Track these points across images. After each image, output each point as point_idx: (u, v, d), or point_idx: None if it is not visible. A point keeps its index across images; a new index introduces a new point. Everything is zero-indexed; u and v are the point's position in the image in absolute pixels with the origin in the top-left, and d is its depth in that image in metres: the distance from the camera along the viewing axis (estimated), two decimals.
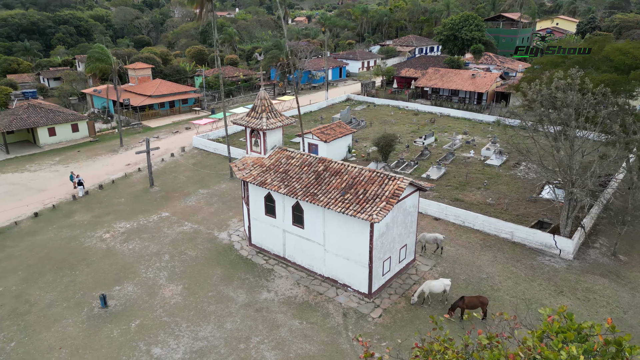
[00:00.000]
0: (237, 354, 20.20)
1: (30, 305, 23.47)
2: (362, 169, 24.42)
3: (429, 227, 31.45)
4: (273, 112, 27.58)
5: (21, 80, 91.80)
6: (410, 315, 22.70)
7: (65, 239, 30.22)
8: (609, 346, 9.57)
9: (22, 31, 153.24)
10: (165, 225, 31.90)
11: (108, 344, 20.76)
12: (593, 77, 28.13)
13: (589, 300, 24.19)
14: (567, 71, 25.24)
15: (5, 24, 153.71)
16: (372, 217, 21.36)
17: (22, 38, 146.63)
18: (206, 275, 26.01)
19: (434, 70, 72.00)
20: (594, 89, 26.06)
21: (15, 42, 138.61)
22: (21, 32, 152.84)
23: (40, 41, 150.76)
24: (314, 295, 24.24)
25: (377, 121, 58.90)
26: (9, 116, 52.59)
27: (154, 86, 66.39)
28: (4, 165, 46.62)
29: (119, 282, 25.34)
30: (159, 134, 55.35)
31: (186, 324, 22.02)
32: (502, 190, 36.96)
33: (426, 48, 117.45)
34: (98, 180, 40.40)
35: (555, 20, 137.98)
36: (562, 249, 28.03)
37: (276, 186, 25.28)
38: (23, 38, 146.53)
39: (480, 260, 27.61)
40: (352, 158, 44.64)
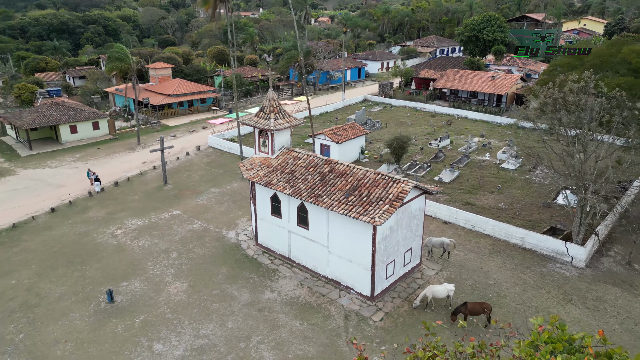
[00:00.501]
0: (236, 352, 20.37)
1: (40, 299, 24.15)
2: (367, 171, 24.34)
3: (438, 231, 31.12)
4: (281, 112, 27.70)
5: (48, 78, 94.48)
6: (412, 319, 22.50)
7: (79, 235, 30.99)
8: (599, 359, 9.35)
9: (53, 31, 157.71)
10: (176, 223, 32.39)
11: (112, 338, 21.21)
12: (609, 80, 27.35)
13: (599, 310, 23.56)
14: (581, 74, 24.60)
15: (37, 24, 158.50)
16: (374, 219, 21.26)
17: (53, 37, 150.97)
18: (212, 273, 26.31)
19: (452, 72, 71.15)
20: (609, 93, 25.36)
21: (46, 41, 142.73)
22: (52, 31, 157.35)
23: (70, 40, 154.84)
24: (316, 296, 24.27)
25: (393, 122, 58.54)
26: (33, 113, 54.18)
27: (173, 86, 67.42)
28: (27, 161, 48.04)
29: (127, 278, 25.86)
30: (176, 133, 56.19)
31: (189, 322, 22.32)
32: (515, 195, 36.29)
33: (447, 49, 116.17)
34: (114, 177, 41.27)
35: (582, 21, 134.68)
36: (574, 256, 27.37)
37: (282, 187, 25.40)
38: (53, 37, 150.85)
39: (488, 266, 27.18)
40: (364, 159, 44.49)
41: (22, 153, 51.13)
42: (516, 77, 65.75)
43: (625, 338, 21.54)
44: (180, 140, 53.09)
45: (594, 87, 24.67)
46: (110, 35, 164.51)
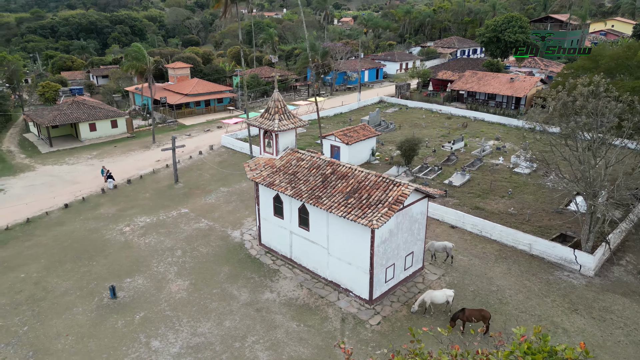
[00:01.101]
0: (231, 352, 20.53)
1: (46, 292, 24.80)
2: (368, 174, 24.21)
3: (444, 235, 30.73)
4: (286, 114, 27.78)
5: (73, 77, 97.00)
6: (410, 324, 22.26)
7: (89, 230, 31.71)
8: None
9: (82, 30, 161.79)
10: (183, 221, 32.83)
11: (111, 333, 21.63)
12: (623, 83, 26.52)
13: (605, 320, 22.89)
14: (592, 77, 23.94)
15: (67, 24, 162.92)
16: (372, 222, 21.13)
17: (81, 37, 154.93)
18: (214, 272, 26.57)
19: (471, 73, 70.16)
20: (622, 97, 24.62)
21: (75, 40, 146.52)
22: (80, 31, 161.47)
23: (98, 40, 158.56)
24: (315, 298, 24.26)
25: (407, 124, 58.08)
26: (54, 111, 55.74)
27: (191, 85, 68.35)
28: (47, 157, 49.40)
29: (131, 275, 26.33)
30: (191, 132, 56.96)
31: (187, 319, 22.60)
32: (527, 200, 35.56)
33: (469, 50, 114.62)
34: (128, 175, 42.10)
35: (610, 22, 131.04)
36: (582, 264, 26.66)
37: (283, 187, 25.48)
38: (82, 37, 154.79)
39: (492, 272, 26.71)
40: (375, 161, 44.25)
41: (42, 150, 52.60)
42: (536, 80, 64.39)
43: (630, 350, 20.88)
44: (195, 139, 53.80)
45: (605, 91, 23.96)
46: (136, 35, 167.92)
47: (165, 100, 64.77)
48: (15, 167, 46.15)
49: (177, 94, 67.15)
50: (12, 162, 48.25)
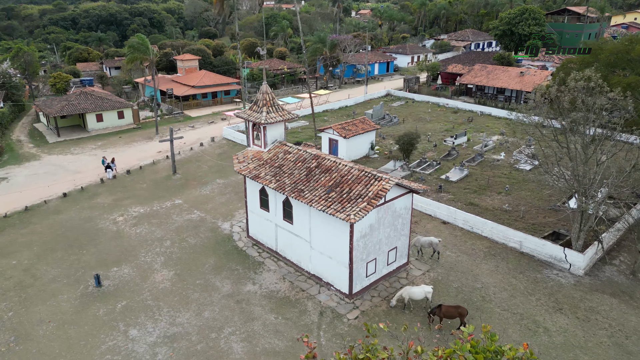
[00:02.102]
0: (206, 342, 20.73)
1: (35, 279, 25.37)
2: (351, 168, 24.04)
3: (435, 231, 30.42)
4: (274, 106, 27.72)
5: (88, 68, 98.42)
6: (388, 319, 22.13)
7: (83, 219, 32.27)
8: None
9: (102, 22, 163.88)
10: (176, 212, 33.16)
11: (92, 321, 22.03)
12: (619, 78, 25.71)
13: (590, 320, 22.42)
14: (584, 72, 23.28)
15: (87, 15, 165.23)
16: (349, 217, 21.01)
17: (101, 29, 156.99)
18: (199, 263, 26.81)
19: (480, 67, 68.99)
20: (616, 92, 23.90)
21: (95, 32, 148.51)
22: (101, 22, 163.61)
23: (117, 32, 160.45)
24: (296, 291, 24.29)
25: (412, 118, 57.49)
26: (62, 102, 56.68)
27: (198, 77, 68.74)
28: (53, 147, 50.34)
29: (118, 264, 26.74)
30: (195, 124, 57.36)
31: (167, 309, 22.87)
32: (524, 197, 34.93)
33: (483, 43, 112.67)
34: (128, 166, 42.65)
35: (632, 15, 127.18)
36: (572, 263, 26.12)
37: (268, 180, 25.49)
38: (102, 29, 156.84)
39: (479, 269, 26.36)
40: (374, 155, 43.95)
41: (50, 139, 53.60)
42: (547, 74, 62.97)
43: (611, 352, 20.43)
44: (198, 131, 54.19)
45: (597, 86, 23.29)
46: (155, 27, 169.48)
47: (172, 91, 65.26)
48: (22, 157, 47.15)
49: (184, 86, 67.62)
50: (20, 151, 49.30)
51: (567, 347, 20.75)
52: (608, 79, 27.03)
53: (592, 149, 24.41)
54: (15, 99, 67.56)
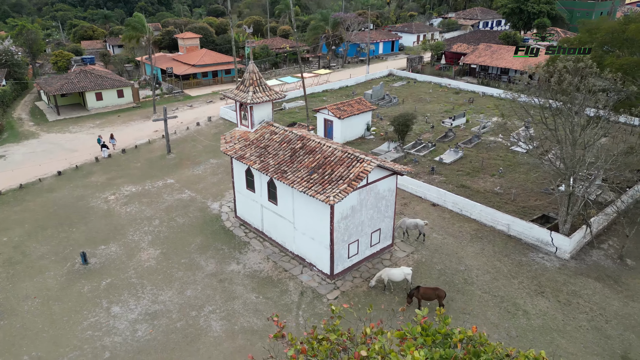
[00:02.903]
0: (186, 320, 21.06)
1: (24, 256, 25.82)
2: (335, 149, 23.89)
3: (424, 213, 30.33)
4: (261, 86, 27.50)
5: (92, 46, 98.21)
6: (367, 299, 22.31)
7: (76, 198, 32.63)
8: (467, 356, 9.05)
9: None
10: (167, 191, 33.36)
11: (76, 298, 22.45)
12: (613, 60, 25.04)
13: (571, 304, 22.37)
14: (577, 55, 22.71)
15: None
16: (329, 199, 20.97)
17: (109, 6, 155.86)
18: (186, 242, 27.07)
19: (485, 46, 67.69)
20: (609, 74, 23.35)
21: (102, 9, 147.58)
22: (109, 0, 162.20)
23: (124, 9, 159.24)
24: (279, 271, 24.48)
25: (412, 99, 56.81)
26: (62, 80, 56.80)
27: (199, 56, 68.33)
28: (52, 125, 50.65)
29: (106, 242, 27.09)
30: (194, 103, 57.26)
31: (150, 287, 23.21)
32: (517, 180, 34.57)
33: (492, 22, 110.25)
34: (124, 145, 42.83)
35: None
36: (558, 247, 25.95)
37: (252, 161, 25.47)
38: (109, 6, 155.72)
39: (464, 251, 26.31)
40: (370, 136, 43.63)
41: (50, 118, 53.90)
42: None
43: (589, 336, 20.41)
44: (196, 110, 54.12)
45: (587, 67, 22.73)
46: (162, 4, 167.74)
47: (172, 70, 65.02)
48: (21, 135, 47.54)
49: (184, 65, 67.30)
50: (20, 129, 49.69)
51: (545, 330, 20.76)
52: (602, 60, 26.37)
53: (578, 131, 23.96)
54: (18, 77, 67.79)
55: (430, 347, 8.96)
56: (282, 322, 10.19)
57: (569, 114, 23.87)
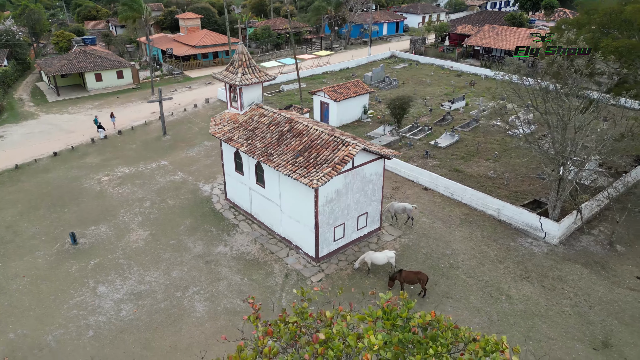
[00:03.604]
0: (170, 301, 21.33)
1: (15, 236, 26.19)
2: (322, 132, 23.75)
3: (415, 197, 30.23)
4: (251, 67, 27.28)
5: (95, 27, 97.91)
6: (351, 283, 22.42)
7: (70, 179, 32.88)
8: (423, 340, 9.11)
9: None
10: (160, 173, 33.50)
11: (64, 277, 22.80)
12: (608, 42, 24.43)
13: (555, 289, 22.33)
14: (579, 33, 22.16)
15: None
16: (312, 182, 20.92)
17: None
18: (175, 224, 27.26)
19: (489, 28, 66.47)
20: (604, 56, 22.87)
21: None
22: None
23: None
24: (265, 253, 24.63)
25: (413, 81, 56.15)
26: (61, 61, 56.79)
27: (199, 36, 67.82)
28: (52, 106, 50.82)
29: (97, 223, 27.37)
30: (193, 85, 57.04)
31: (137, 268, 23.49)
32: (512, 164, 34.25)
33: (500, 2, 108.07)
34: (121, 126, 42.92)
35: None
36: (547, 232, 25.81)
37: (240, 143, 25.42)
38: None
39: (452, 236, 26.25)
40: (367, 119, 43.31)
41: (50, 98, 54.06)
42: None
43: (571, 321, 20.40)
44: (195, 92, 53.95)
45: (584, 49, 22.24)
46: None
47: (172, 51, 64.68)
48: (21, 115, 47.78)
49: (185, 45, 66.89)
50: (20, 110, 49.93)
51: (527, 315, 20.77)
52: (598, 42, 25.77)
53: (568, 115, 23.57)
54: (20, 57, 67.83)
55: (390, 331, 9.01)
56: (257, 305, 10.30)
57: (559, 97, 23.48)
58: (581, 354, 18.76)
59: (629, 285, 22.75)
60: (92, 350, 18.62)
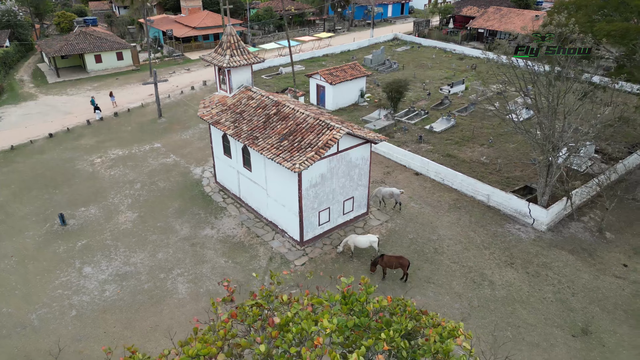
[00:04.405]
0: (154, 282, 21.58)
1: (7, 216, 26.53)
2: (307, 116, 23.59)
3: (405, 182, 30.08)
4: (239, 49, 27.03)
5: (98, 7, 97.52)
6: (334, 267, 22.50)
7: (63, 160, 33.12)
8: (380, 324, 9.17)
9: None
10: (152, 155, 33.61)
11: (51, 257, 23.12)
12: (602, 25, 23.80)
13: (539, 276, 22.24)
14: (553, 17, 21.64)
15: None
16: (294, 166, 20.86)
17: None
18: (164, 206, 27.42)
19: (494, 10, 65.16)
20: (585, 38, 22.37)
21: None
22: None
23: None
24: (251, 237, 24.74)
25: (413, 64, 55.42)
26: (61, 42, 56.75)
27: (200, 18, 67.26)
28: (51, 87, 50.95)
29: (87, 204, 27.62)
30: (192, 67, 56.81)
31: (124, 249, 23.73)
32: (507, 149, 33.88)
33: None
34: (117, 108, 42.97)
35: None
36: (535, 218, 25.61)
37: (227, 126, 25.35)
38: None
39: (439, 221, 26.15)
40: (363, 103, 42.93)
41: (50, 80, 54.18)
42: None
43: (552, 308, 20.35)
44: (193, 74, 53.74)
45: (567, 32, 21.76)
46: None
47: (172, 32, 64.30)
48: (20, 96, 47.99)
49: (185, 27, 66.41)
50: (20, 91, 50.12)
51: (508, 300, 20.75)
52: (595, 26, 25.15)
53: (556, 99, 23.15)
54: (22, 38, 67.87)
55: (347, 315, 9.06)
56: (232, 287, 10.38)
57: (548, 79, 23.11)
58: (559, 340, 18.75)
59: (615, 273, 22.60)
60: (73, 330, 18.95)
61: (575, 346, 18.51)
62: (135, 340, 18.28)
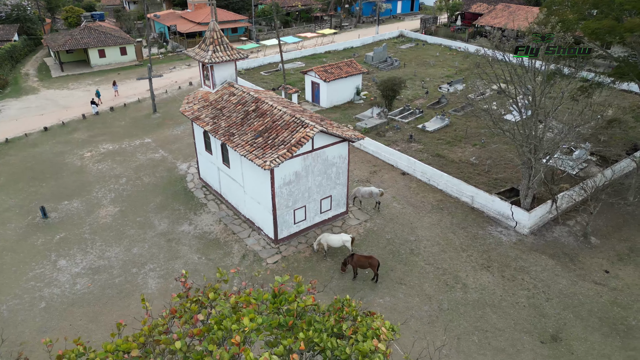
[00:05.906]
0: (125, 276, 21.70)
1: None
2: (284, 113, 23.42)
3: (391, 182, 29.73)
4: (223, 45, 26.97)
5: (110, 2, 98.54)
6: (306, 265, 22.35)
7: (54, 154, 33.54)
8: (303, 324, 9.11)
9: None
10: (141, 150, 33.82)
11: (29, 250, 23.42)
12: (587, 23, 23.06)
13: (515, 280, 21.76)
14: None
15: None
16: (266, 163, 20.74)
17: None
18: (145, 201, 27.56)
19: (503, 6, 63.95)
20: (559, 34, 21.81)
21: None
22: None
23: None
24: (228, 234, 24.71)
25: (415, 62, 54.73)
26: (66, 36, 57.48)
27: (205, 13, 67.41)
28: (54, 82, 51.66)
29: (70, 198, 27.92)
30: (192, 62, 56.99)
31: (100, 243, 23.92)
32: (499, 150, 33.21)
33: None
34: (114, 103, 43.37)
35: None
36: (518, 221, 25.06)
37: (205, 122, 25.33)
38: None
39: (420, 222, 25.77)
40: (359, 101, 42.56)
41: (54, 74, 54.94)
42: None
43: (524, 313, 19.89)
44: (194, 69, 53.95)
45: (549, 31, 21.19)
46: None
47: (175, 28, 64.63)
48: (22, 90, 48.76)
49: (190, 22, 66.68)
50: (23, 84, 50.93)
51: (479, 304, 20.34)
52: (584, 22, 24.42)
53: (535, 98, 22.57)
54: (31, 32, 68.92)
55: (272, 314, 8.99)
56: (188, 283, 10.35)
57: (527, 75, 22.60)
58: (526, 346, 18.32)
59: (595, 279, 21.99)
60: (40, 321, 19.17)
61: (542, 353, 18.06)
62: (98, 334, 18.39)
